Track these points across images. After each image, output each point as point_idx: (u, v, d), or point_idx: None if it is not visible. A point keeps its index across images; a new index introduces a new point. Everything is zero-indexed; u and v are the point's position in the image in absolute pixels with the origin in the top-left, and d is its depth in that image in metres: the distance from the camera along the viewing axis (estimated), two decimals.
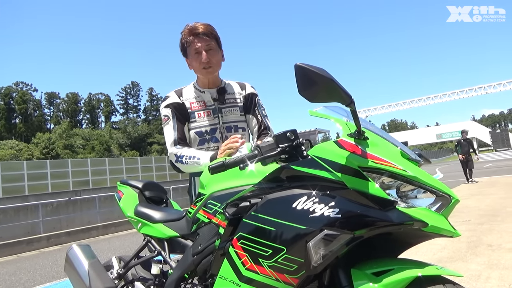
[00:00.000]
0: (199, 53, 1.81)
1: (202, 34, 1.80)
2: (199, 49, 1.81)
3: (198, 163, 1.73)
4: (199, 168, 1.74)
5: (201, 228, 1.44)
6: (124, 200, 2.03)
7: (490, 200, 7.40)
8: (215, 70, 1.88)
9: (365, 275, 1.01)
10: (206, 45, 1.81)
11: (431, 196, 1.08)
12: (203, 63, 1.81)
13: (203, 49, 1.81)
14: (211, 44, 1.82)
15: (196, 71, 1.88)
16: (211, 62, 1.83)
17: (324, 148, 1.14)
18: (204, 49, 1.81)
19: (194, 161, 1.74)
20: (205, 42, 1.81)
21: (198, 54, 1.82)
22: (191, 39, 1.81)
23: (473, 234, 4.50)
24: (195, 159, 1.74)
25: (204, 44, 1.80)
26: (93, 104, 79.10)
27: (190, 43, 1.81)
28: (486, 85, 46.59)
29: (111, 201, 12.06)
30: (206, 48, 1.81)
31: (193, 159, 1.75)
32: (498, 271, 3.04)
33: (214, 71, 1.87)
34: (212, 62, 1.83)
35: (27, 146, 52.86)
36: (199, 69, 1.84)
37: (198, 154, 1.75)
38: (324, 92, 1.03)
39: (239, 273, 1.16)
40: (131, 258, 1.86)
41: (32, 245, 8.88)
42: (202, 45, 1.80)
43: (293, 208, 1.09)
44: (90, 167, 21.97)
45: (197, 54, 1.82)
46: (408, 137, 53.91)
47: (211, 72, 1.86)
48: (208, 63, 1.82)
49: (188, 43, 1.82)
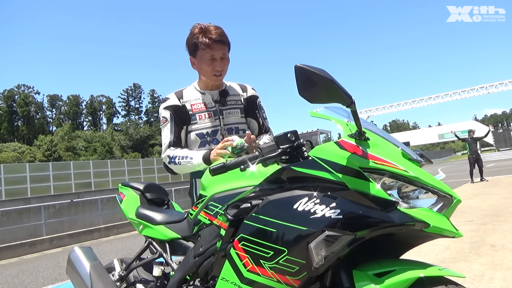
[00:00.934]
0: (214, 60, 1.79)
1: (219, 41, 1.77)
2: (215, 56, 1.79)
3: (191, 163, 1.74)
4: (192, 168, 1.76)
5: (203, 229, 1.43)
6: (125, 202, 2.03)
7: (493, 200, 7.37)
8: (223, 77, 1.89)
9: (367, 276, 1.01)
10: (222, 53, 1.80)
11: (432, 197, 1.08)
12: (216, 70, 1.81)
13: (219, 57, 1.80)
14: (226, 53, 1.83)
15: (204, 74, 1.86)
16: (223, 70, 1.84)
17: (325, 149, 1.14)
18: (220, 57, 1.80)
19: (187, 160, 1.75)
20: (221, 50, 1.79)
21: (213, 61, 1.80)
22: (207, 42, 1.76)
23: (476, 234, 4.48)
24: (188, 159, 1.75)
25: (221, 53, 1.80)
26: (95, 106, 79.37)
27: (206, 47, 1.77)
28: (488, 85, 46.53)
29: (113, 203, 12.06)
30: (222, 57, 1.81)
31: (185, 159, 1.76)
32: (501, 271, 3.02)
33: (222, 79, 1.89)
34: (224, 70, 1.84)
35: (29, 149, 53.02)
36: (210, 75, 1.83)
37: (191, 153, 1.77)
38: (324, 93, 1.03)
39: (240, 275, 1.15)
40: (133, 260, 1.86)
41: (34, 247, 8.90)
42: (219, 53, 1.79)
43: (294, 209, 1.08)
44: (92, 169, 22.00)
45: (212, 60, 1.80)
46: (410, 137, 53.94)
47: (219, 80, 1.88)
48: (221, 71, 1.83)
49: (202, 45, 1.77)
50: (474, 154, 12.29)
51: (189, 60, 1.90)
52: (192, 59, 1.88)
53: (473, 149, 12.38)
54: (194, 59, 1.87)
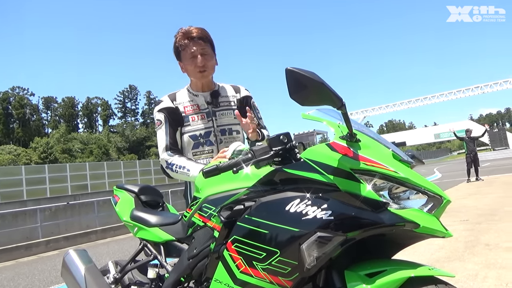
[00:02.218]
0: (194, 57, 1.82)
1: (197, 38, 1.81)
2: (194, 53, 1.81)
3: (188, 174, 1.74)
4: (188, 179, 1.77)
5: (197, 231, 1.44)
6: (120, 204, 2.03)
7: (488, 200, 7.42)
8: (210, 73, 1.89)
9: (359, 277, 1.02)
10: (201, 49, 1.82)
11: (423, 197, 1.09)
12: (199, 67, 1.82)
13: (199, 53, 1.82)
14: (206, 49, 1.84)
15: (190, 74, 1.89)
16: (206, 66, 1.84)
17: (316, 151, 1.15)
18: (200, 53, 1.82)
19: (184, 171, 1.75)
20: (200, 46, 1.82)
21: (193, 58, 1.82)
22: (186, 43, 1.81)
23: (470, 234, 4.51)
24: (185, 170, 1.75)
25: (200, 48, 1.82)
26: (91, 108, 79.08)
27: (185, 47, 1.82)
28: (483, 85, 46.86)
29: (109, 205, 11.93)
30: (202, 52, 1.82)
31: (183, 169, 1.76)
32: (495, 270, 3.04)
33: (208, 75, 1.89)
34: (207, 66, 1.85)
35: (25, 151, 52.76)
36: (194, 73, 1.85)
37: (189, 165, 1.76)
38: (314, 96, 1.04)
39: (233, 276, 1.16)
40: (128, 263, 1.86)
41: (30, 250, 8.85)
42: (197, 49, 1.81)
43: (287, 211, 1.09)
44: (89, 171, 21.94)
45: (193, 58, 1.82)
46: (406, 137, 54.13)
47: (206, 76, 1.88)
48: (203, 67, 1.83)
49: (182, 46, 1.82)
50: (472, 154, 12.31)
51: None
52: (180, 63, 1.92)
53: (471, 149, 12.39)
54: (181, 63, 1.90)
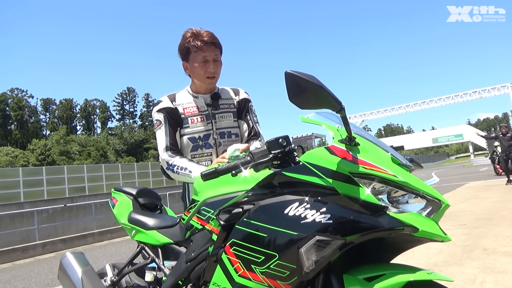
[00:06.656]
0: (207, 62, 1.80)
1: (210, 42, 1.79)
2: (207, 58, 1.80)
3: (189, 176, 1.72)
4: (189, 180, 1.74)
5: (195, 234, 1.43)
6: (118, 207, 2.03)
7: (485, 204, 7.42)
8: (217, 80, 1.89)
9: (357, 281, 1.02)
10: (215, 55, 1.81)
11: (421, 201, 1.08)
12: (210, 73, 1.81)
13: (212, 59, 1.81)
14: (218, 55, 1.84)
15: (197, 77, 1.86)
16: (216, 72, 1.84)
17: (315, 155, 1.15)
18: (213, 59, 1.81)
19: (186, 173, 1.73)
20: (213, 52, 1.81)
21: (205, 63, 1.80)
22: (199, 45, 1.78)
23: (468, 238, 4.51)
24: (187, 171, 1.73)
25: (213, 54, 1.81)
26: (89, 110, 78.99)
27: (198, 49, 1.78)
28: (480, 90, 47.02)
29: (107, 208, 11.89)
30: (215, 58, 1.82)
31: (184, 171, 1.74)
32: (493, 275, 3.04)
33: (215, 82, 1.89)
34: (217, 73, 1.85)
35: (22, 153, 52.53)
36: (203, 77, 1.84)
37: (190, 166, 1.73)
38: (314, 99, 1.04)
39: (232, 280, 1.16)
40: (125, 266, 1.85)
41: (27, 252, 8.78)
42: (211, 54, 1.80)
43: (285, 214, 1.09)
44: (86, 174, 21.83)
45: (205, 62, 1.80)
46: (404, 141, 54.23)
47: (213, 83, 1.88)
48: (214, 73, 1.83)
49: (195, 48, 1.79)
50: (506, 152, 10.62)
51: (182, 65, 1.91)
52: (184, 64, 1.88)
53: (505, 146, 10.68)
54: (186, 63, 1.87)
